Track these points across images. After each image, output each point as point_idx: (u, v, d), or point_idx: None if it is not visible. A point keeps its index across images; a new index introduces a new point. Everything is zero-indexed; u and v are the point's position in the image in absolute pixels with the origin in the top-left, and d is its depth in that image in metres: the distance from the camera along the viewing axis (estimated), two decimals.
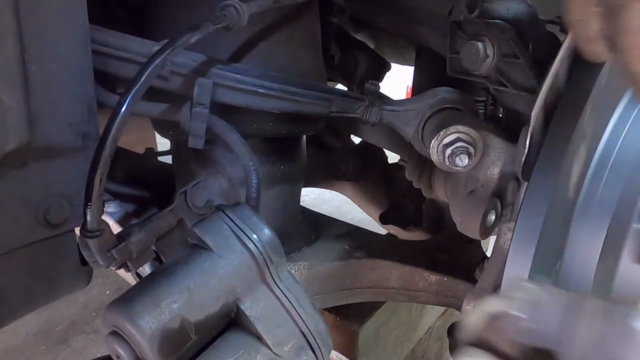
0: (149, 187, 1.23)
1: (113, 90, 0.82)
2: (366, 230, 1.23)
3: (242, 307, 0.63)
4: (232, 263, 0.64)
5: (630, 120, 0.71)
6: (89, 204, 0.59)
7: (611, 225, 0.67)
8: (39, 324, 2.10)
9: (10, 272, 0.61)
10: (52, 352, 1.99)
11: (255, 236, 0.66)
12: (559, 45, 0.64)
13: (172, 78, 0.74)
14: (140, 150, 1.34)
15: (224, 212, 0.67)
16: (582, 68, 0.66)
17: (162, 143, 1.35)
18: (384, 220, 1.46)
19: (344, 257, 1.09)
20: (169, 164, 1.15)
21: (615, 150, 0.70)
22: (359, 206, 1.64)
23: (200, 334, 0.60)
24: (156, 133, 1.09)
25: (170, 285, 0.60)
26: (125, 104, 0.60)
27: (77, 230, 0.68)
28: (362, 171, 1.45)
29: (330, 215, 1.30)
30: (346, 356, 1.29)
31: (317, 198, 3.09)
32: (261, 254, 0.65)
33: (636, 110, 0.72)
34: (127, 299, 0.59)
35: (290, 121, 0.95)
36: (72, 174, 0.62)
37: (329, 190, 1.64)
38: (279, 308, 0.65)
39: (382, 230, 1.52)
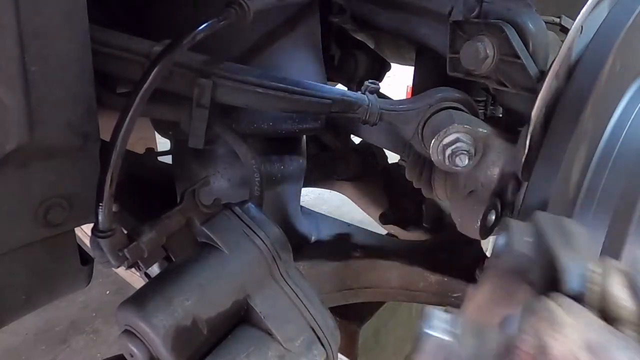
0: (149, 187, 1.23)
1: (113, 90, 0.82)
2: (366, 230, 1.23)
3: (252, 304, 0.64)
4: (241, 260, 0.64)
5: (631, 120, 0.71)
6: (101, 204, 0.59)
7: (611, 225, 0.67)
8: (39, 324, 2.09)
9: (10, 272, 0.61)
10: (52, 352, 1.99)
11: (263, 233, 0.66)
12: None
13: (172, 78, 0.74)
14: (140, 150, 1.34)
15: (231, 210, 0.68)
16: (582, 68, 0.66)
17: (162, 143, 1.35)
18: (384, 220, 1.46)
19: (344, 257, 1.09)
20: (169, 164, 1.15)
21: (616, 150, 0.70)
22: (359, 206, 1.63)
23: (212, 331, 0.61)
24: (156, 133, 1.10)
25: (181, 284, 0.61)
26: (135, 104, 0.60)
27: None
28: (362, 171, 1.45)
29: (330, 215, 1.30)
30: (346, 356, 1.29)
31: (317, 198, 3.09)
32: (270, 251, 0.66)
33: (636, 110, 0.72)
34: (139, 298, 0.59)
35: (290, 121, 0.95)
36: (72, 174, 0.62)
37: (329, 190, 1.64)
38: (288, 304, 0.66)
39: (382, 230, 1.52)
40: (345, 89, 1.21)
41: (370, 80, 0.87)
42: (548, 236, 0.45)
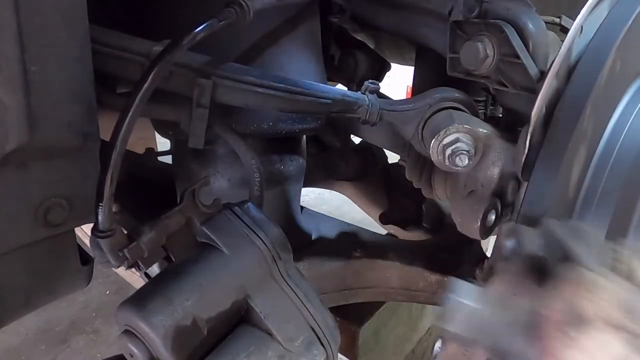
0: (149, 187, 1.23)
1: (113, 90, 0.82)
2: (366, 230, 1.23)
3: (252, 304, 0.64)
4: (241, 260, 0.64)
5: (631, 120, 0.71)
6: (101, 204, 0.60)
7: (611, 225, 0.67)
8: (39, 324, 2.10)
9: (10, 272, 0.61)
10: (52, 352, 1.99)
11: (263, 233, 0.66)
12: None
13: (172, 78, 0.74)
14: (140, 150, 1.34)
15: (231, 210, 0.68)
16: (582, 68, 0.66)
17: (162, 143, 1.35)
18: (384, 220, 1.46)
19: (344, 257, 1.09)
20: (169, 164, 1.15)
21: (615, 151, 0.70)
22: (359, 206, 1.64)
23: (212, 331, 0.61)
24: (156, 133, 1.10)
25: (181, 284, 0.61)
26: (135, 104, 0.60)
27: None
28: (362, 171, 1.45)
29: (330, 215, 1.30)
30: (346, 356, 1.29)
31: (317, 198, 3.09)
32: (270, 251, 0.66)
33: (636, 109, 0.72)
34: (139, 298, 0.59)
35: (290, 121, 0.95)
36: (72, 174, 0.62)
37: (329, 190, 1.64)
38: (288, 304, 0.66)
39: (382, 230, 1.52)
40: (345, 89, 1.21)
41: (370, 80, 0.87)
42: (562, 235, 0.46)
